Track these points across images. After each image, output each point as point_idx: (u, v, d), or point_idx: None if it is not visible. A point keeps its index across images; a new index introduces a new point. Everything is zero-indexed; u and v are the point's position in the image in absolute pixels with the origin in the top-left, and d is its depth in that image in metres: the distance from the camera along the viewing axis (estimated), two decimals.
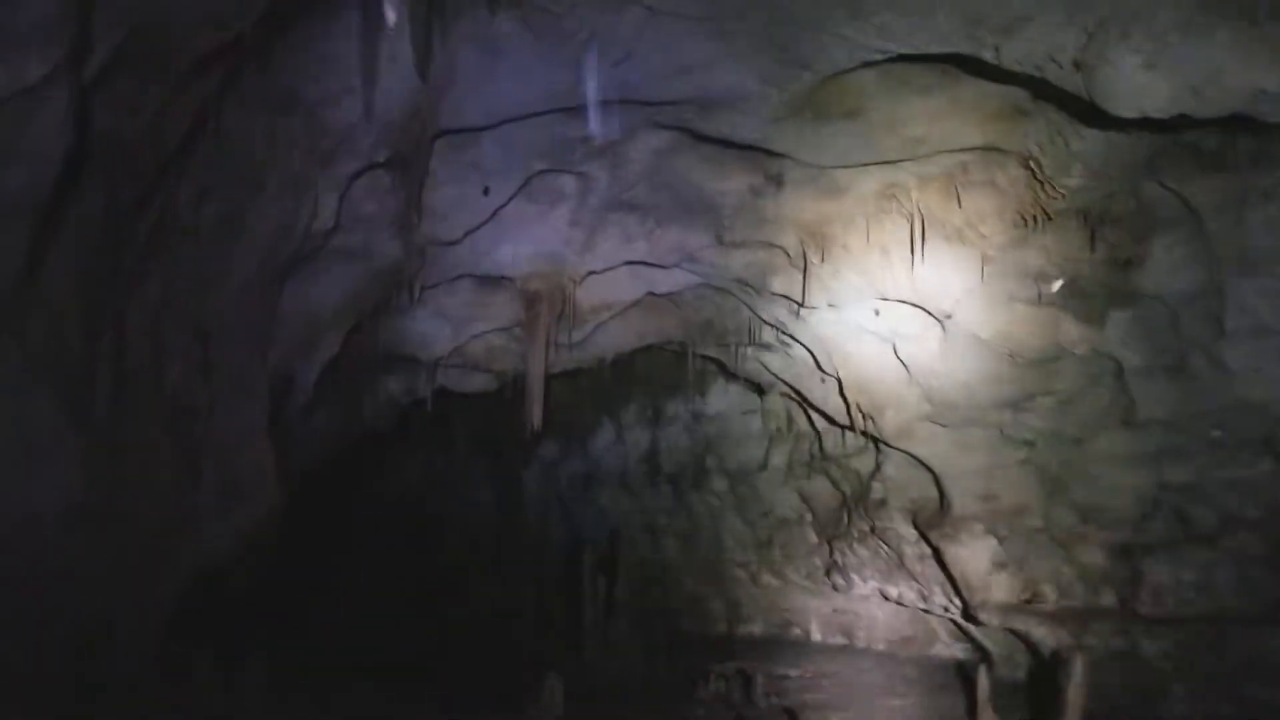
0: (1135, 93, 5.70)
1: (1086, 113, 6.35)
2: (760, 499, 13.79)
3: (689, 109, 6.89)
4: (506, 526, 17.13)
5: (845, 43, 5.86)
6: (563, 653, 11.87)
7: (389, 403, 12.57)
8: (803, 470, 13.12)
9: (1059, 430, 9.54)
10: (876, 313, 9.49)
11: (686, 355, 11.72)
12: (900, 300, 9.10)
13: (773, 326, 10.65)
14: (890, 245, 8.52)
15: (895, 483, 11.58)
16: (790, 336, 10.72)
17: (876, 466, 11.76)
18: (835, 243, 8.77)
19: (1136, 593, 9.32)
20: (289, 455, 8.69)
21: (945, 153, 7.41)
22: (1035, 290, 8.32)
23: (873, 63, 6.12)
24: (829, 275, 9.13)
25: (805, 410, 12.45)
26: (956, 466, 10.46)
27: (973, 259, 8.29)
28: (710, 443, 14.20)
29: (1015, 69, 5.91)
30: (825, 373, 10.97)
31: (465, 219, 8.19)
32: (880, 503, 11.90)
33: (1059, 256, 8.01)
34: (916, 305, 9.07)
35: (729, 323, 10.93)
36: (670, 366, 12.88)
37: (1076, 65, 5.68)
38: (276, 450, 7.66)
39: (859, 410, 10.84)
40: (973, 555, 10.51)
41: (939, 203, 7.98)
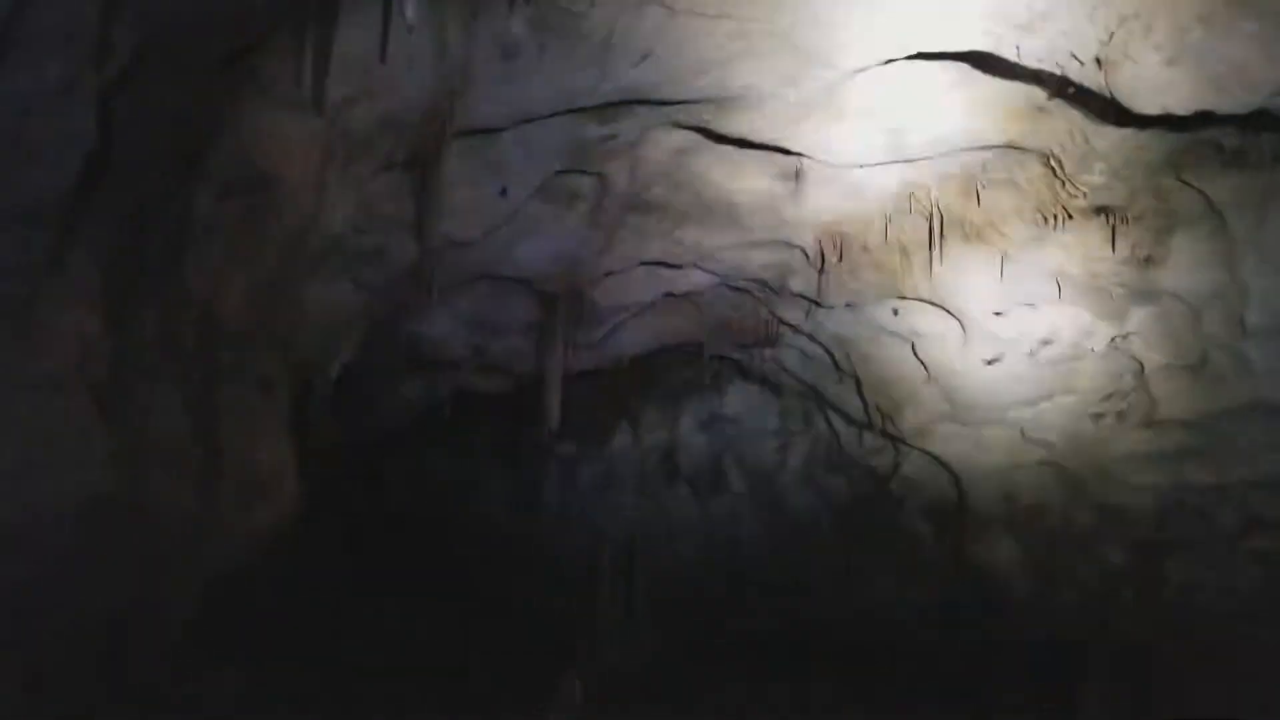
0: (1157, 89, 5.67)
1: (1108, 110, 6.31)
2: (778, 499, 13.77)
3: (707, 108, 6.89)
4: (524, 528, 17.14)
5: (864, 40, 5.86)
6: (582, 653, 11.86)
7: (407, 404, 12.62)
8: (820, 470, 13.10)
9: (1079, 430, 9.49)
10: (895, 312, 9.47)
11: (703, 355, 11.72)
12: (919, 299, 9.08)
13: (790, 326, 10.63)
14: (909, 245, 8.49)
15: (913, 483, 11.54)
16: (808, 336, 10.70)
17: (895, 466, 11.73)
18: (854, 242, 8.74)
19: (1157, 593, 9.27)
20: (308, 456, 8.73)
21: (965, 151, 7.38)
22: (1055, 289, 8.28)
23: (892, 60, 6.10)
24: (847, 275, 9.10)
25: (823, 410, 12.43)
26: (976, 466, 10.43)
27: (992, 258, 8.26)
28: (728, 443, 14.19)
29: (1036, 66, 5.89)
30: (843, 372, 10.95)
31: (483, 220, 8.21)
32: (899, 502, 11.86)
33: (1080, 255, 7.96)
34: (935, 304, 9.04)
35: (747, 323, 10.91)
36: (688, 367, 12.88)
37: (1098, 62, 5.66)
38: (296, 451, 7.69)
39: (877, 410, 10.82)
40: (992, 555, 10.47)
41: (958, 202, 7.95)
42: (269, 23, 5.00)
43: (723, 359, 12.25)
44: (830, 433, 12.65)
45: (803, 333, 10.65)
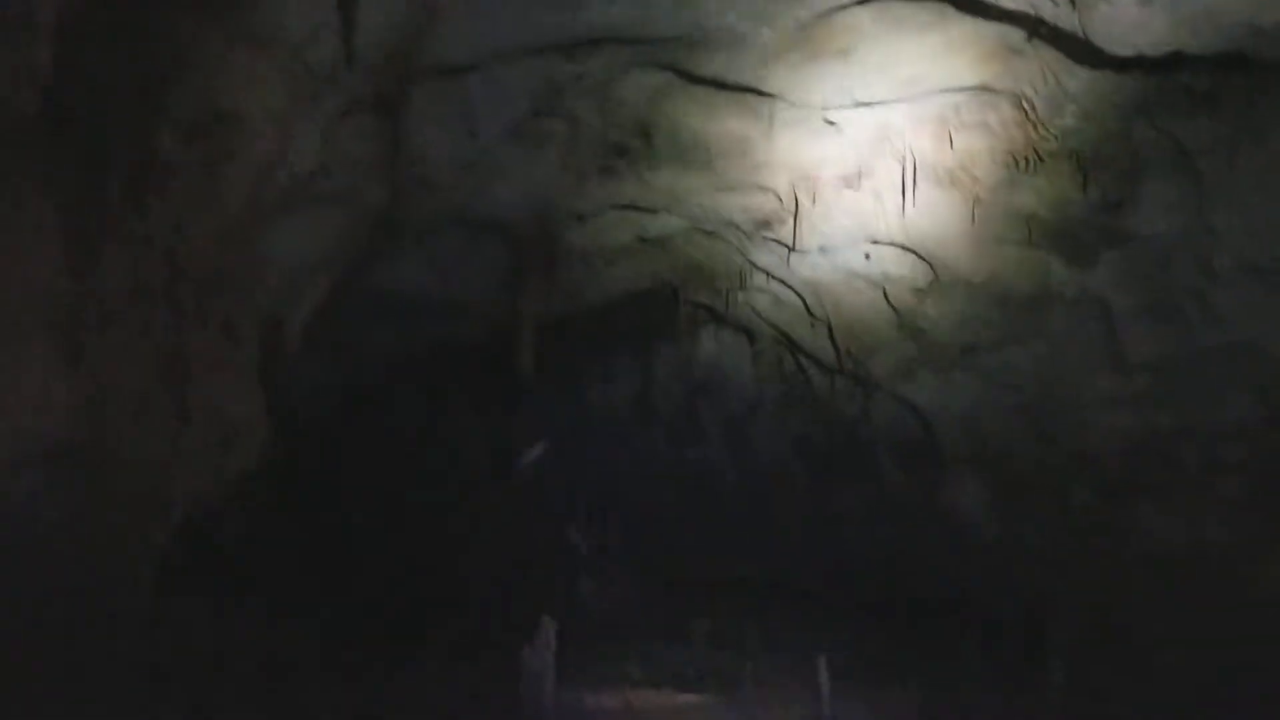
0: (1130, 29, 5.65)
1: (1081, 52, 6.28)
2: (750, 443, 13.85)
3: (680, 48, 6.80)
4: (498, 475, 17.17)
5: None
6: (557, 597, 11.96)
7: (379, 351, 12.52)
8: (793, 414, 13.17)
9: (1048, 373, 9.57)
10: (867, 256, 9.47)
11: (677, 300, 11.69)
12: (891, 243, 9.08)
13: (763, 271, 10.62)
14: (882, 188, 8.47)
15: (884, 426, 11.63)
16: (781, 280, 10.69)
17: (865, 410, 11.80)
18: (827, 186, 8.71)
19: (1125, 535, 9.42)
20: (278, 403, 8.65)
21: (938, 93, 7.34)
22: (1026, 232, 8.30)
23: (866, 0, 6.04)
24: (820, 218, 9.08)
25: (795, 355, 12.47)
26: (946, 409, 10.51)
27: (964, 201, 8.25)
28: (701, 388, 14.23)
29: (1011, 6, 5.84)
30: (815, 317, 10.97)
31: (452, 163, 8.10)
32: (869, 445, 11.96)
33: (1050, 198, 7.97)
34: (907, 248, 9.05)
35: (719, 267, 10.89)
36: (661, 312, 12.84)
37: (1072, 2, 5.62)
38: (265, 398, 7.61)
39: (849, 354, 10.86)
40: (961, 497, 10.60)
41: (931, 145, 7.92)
42: None
43: (696, 304, 12.23)
44: (802, 377, 12.70)
45: (775, 277, 10.64)
